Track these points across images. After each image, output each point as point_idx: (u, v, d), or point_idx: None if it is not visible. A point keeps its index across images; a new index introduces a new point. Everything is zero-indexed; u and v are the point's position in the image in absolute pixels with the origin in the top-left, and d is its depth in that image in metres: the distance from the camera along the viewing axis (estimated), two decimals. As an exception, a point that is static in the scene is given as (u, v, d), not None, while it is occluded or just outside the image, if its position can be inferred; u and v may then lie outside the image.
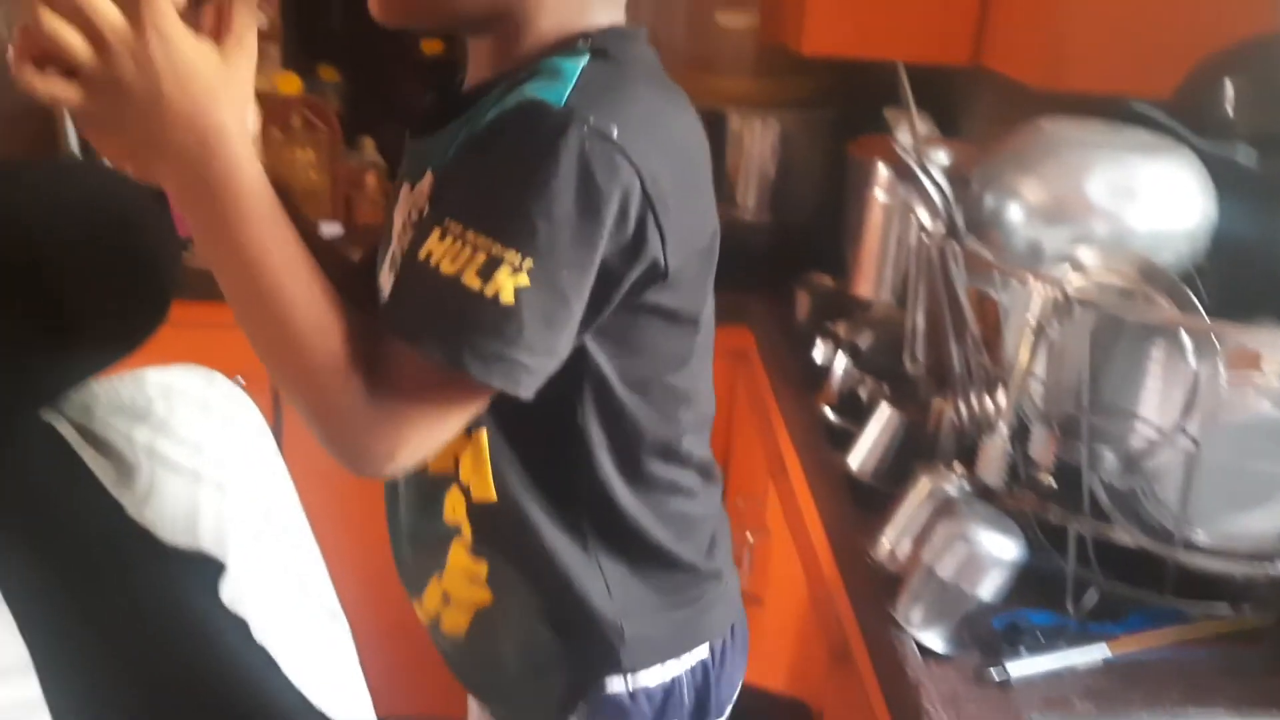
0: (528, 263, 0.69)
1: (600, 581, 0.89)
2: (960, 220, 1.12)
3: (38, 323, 0.95)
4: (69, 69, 0.66)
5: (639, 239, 0.75)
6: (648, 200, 0.74)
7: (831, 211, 2.00)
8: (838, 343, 1.58)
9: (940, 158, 1.26)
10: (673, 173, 0.76)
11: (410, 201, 0.85)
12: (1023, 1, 1.67)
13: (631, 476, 0.87)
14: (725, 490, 2.04)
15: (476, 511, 0.87)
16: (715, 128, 2.21)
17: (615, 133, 0.71)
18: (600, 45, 0.79)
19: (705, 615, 0.97)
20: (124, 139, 0.70)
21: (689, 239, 0.80)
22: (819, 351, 1.65)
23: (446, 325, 0.71)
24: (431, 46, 2.18)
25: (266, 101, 2.02)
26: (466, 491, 0.87)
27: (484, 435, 0.84)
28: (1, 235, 0.91)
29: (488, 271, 0.69)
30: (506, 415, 0.81)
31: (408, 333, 0.72)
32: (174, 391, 1.18)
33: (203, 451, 1.19)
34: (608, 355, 0.81)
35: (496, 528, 0.88)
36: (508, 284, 0.69)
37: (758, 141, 2.18)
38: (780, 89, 2.18)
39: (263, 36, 2.12)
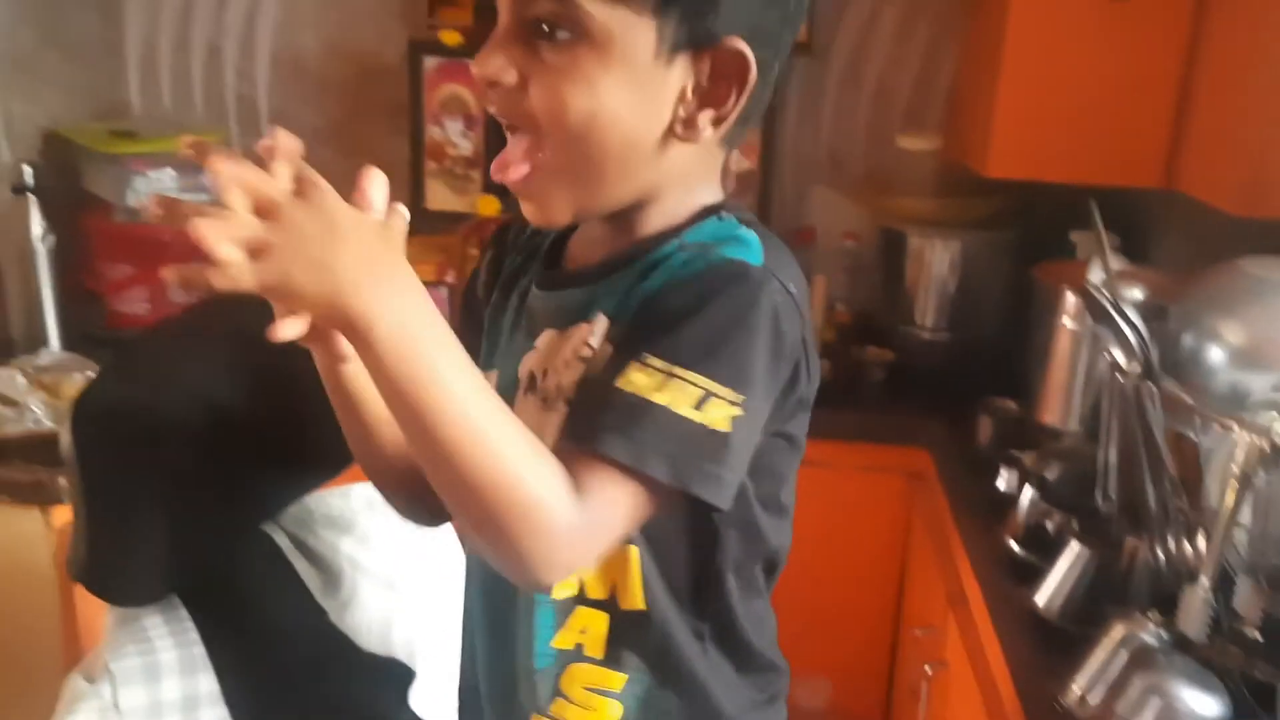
0: (737, 396, 0.78)
1: (720, 681, 0.95)
2: (1156, 359, 1.10)
3: (272, 453, 1.03)
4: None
5: (798, 377, 0.85)
6: (805, 345, 0.85)
7: (1014, 333, 1.98)
8: (1023, 472, 1.54)
9: (1133, 293, 1.24)
10: (809, 319, 0.87)
11: (559, 347, 0.89)
12: (1219, 126, 1.64)
13: (743, 582, 0.94)
14: (901, 619, 2.01)
15: (621, 621, 0.92)
16: (895, 247, 2.22)
17: (791, 288, 0.82)
18: (741, 216, 0.90)
19: (782, 709, 1.03)
20: (307, 300, 0.71)
21: (816, 375, 0.90)
22: (1003, 480, 1.61)
23: (673, 449, 0.77)
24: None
25: (468, 222, 2.15)
26: (608, 605, 0.91)
27: (634, 549, 0.89)
28: (254, 388, 1.00)
29: (703, 404, 0.77)
30: (655, 529, 0.87)
31: (630, 455, 0.77)
32: (377, 505, 1.26)
33: (400, 563, 1.26)
34: (749, 474, 0.87)
35: (640, 636, 0.92)
36: (722, 415, 0.78)
37: (937, 261, 2.18)
38: (961, 209, 2.18)
39: (467, 163, 2.26)
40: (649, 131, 0.83)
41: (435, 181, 2.27)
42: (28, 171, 1.99)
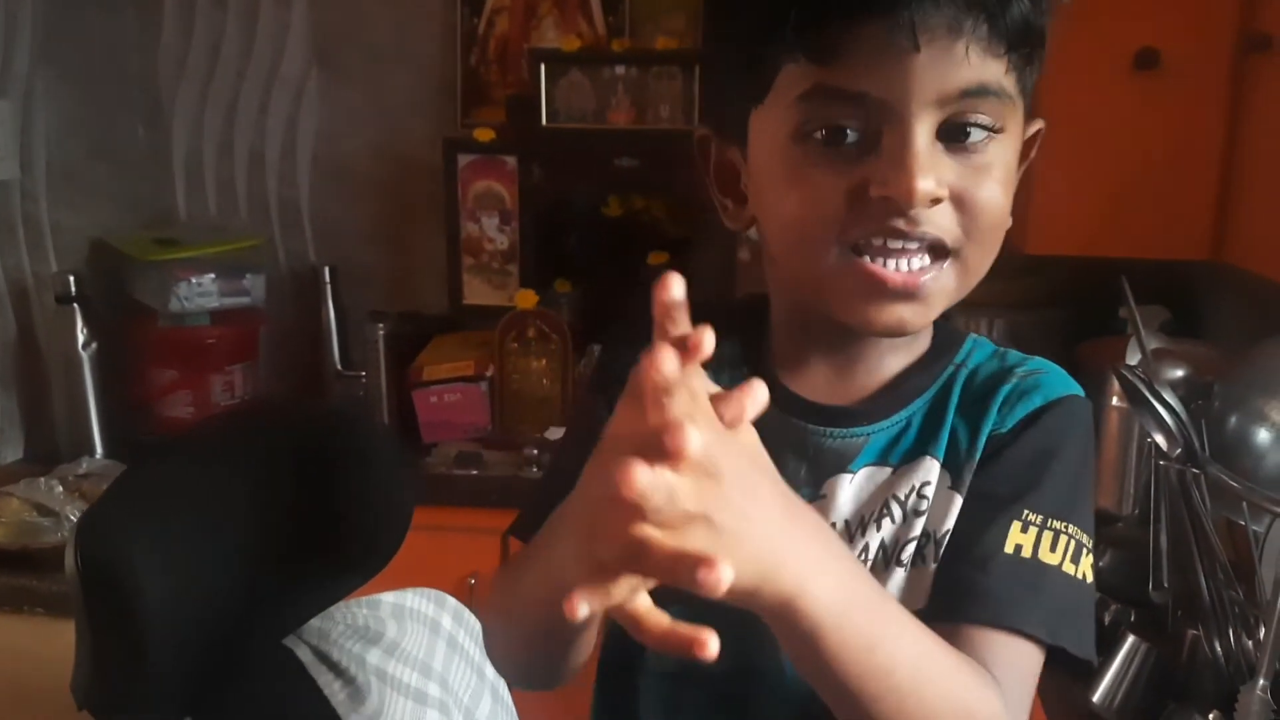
0: (1090, 541, 0.75)
1: None
2: (1201, 444, 1.05)
3: (292, 566, 1.02)
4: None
5: None
6: None
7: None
8: (1075, 560, 1.47)
9: (1175, 371, 1.19)
10: None
11: (874, 497, 0.79)
12: (1268, 193, 1.59)
13: None
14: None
15: None
16: (940, 328, 2.18)
17: None
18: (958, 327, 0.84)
19: None
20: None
21: None
22: (1055, 568, 1.55)
23: (1075, 618, 0.73)
24: (658, 258, 2.27)
25: (507, 316, 2.15)
26: None
27: None
28: (272, 501, 0.98)
29: (1077, 557, 0.73)
30: None
31: (1045, 629, 0.71)
32: (406, 613, 1.23)
33: (431, 674, 1.23)
34: None
35: None
36: (1088, 564, 0.74)
37: (984, 341, 2.13)
38: (1006, 290, 2.14)
39: (504, 258, 2.27)
40: None
41: (473, 277, 2.28)
42: (71, 281, 2.04)
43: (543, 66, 2.21)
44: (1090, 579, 0.74)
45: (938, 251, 0.71)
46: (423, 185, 2.36)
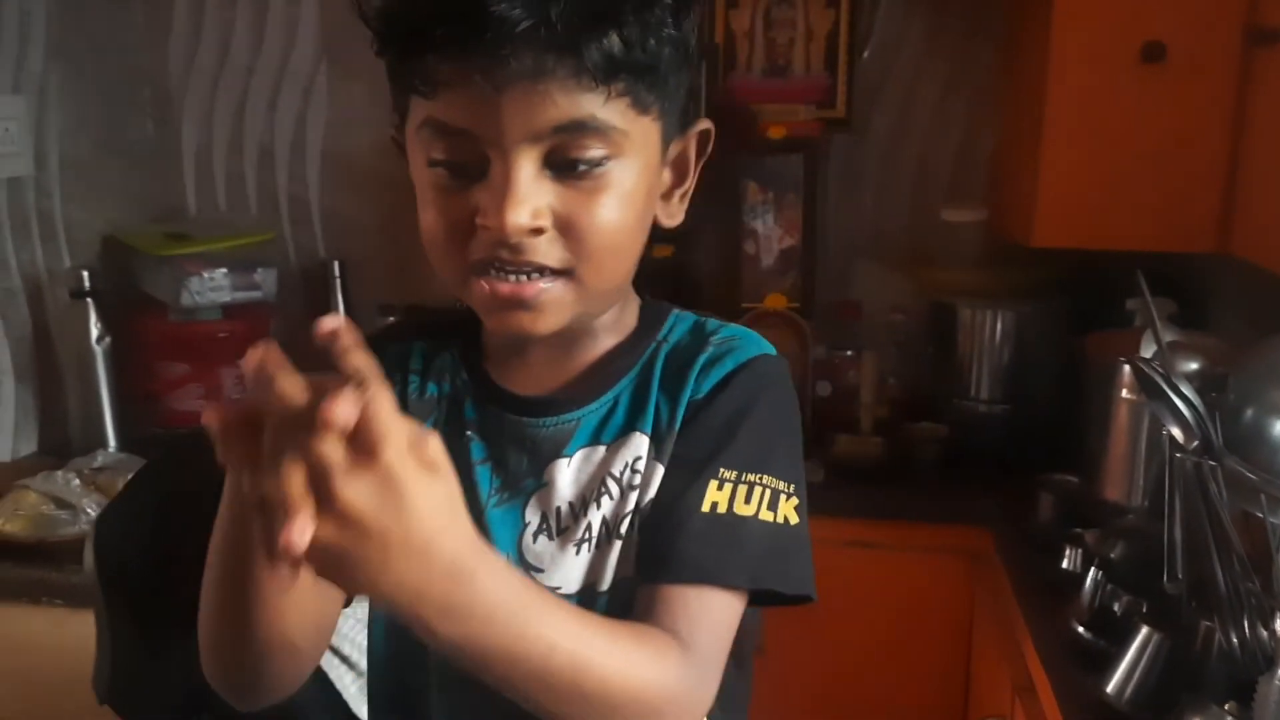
0: (790, 487, 0.80)
1: None
2: (1217, 435, 1.06)
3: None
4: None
5: None
6: None
7: (1072, 405, 1.93)
8: (1087, 552, 1.49)
9: (1190, 364, 1.20)
10: None
11: (592, 477, 0.83)
12: (1273, 189, 1.60)
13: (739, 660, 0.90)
14: (965, 706, 1.94)
15: None
16: (945, 319, 2.19)
17: None
18: (666, 304, 0.91)
19: None
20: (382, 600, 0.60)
21: None
22: (1067, 559, 1.56)
23: (778, 559, 0.78)
24: (661, 251, 2.27)
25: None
26: None
27: None
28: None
29: (775, 504, 0.79)
30: None
31: (747, 577, 0.77)
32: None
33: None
34: None
35: None
36: (789, 508, 0.80)
37: (990, 332, 2.14)
38: (1011, 280, 2.15)
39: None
40: (647, 228, 0.82)
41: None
42: (85, 276, 2.05)
43: (551, 61, 2.21)
44: (795, 521, 0.79)
45: (555, 270, 0.76)
46: (431, 179, 2.36)
